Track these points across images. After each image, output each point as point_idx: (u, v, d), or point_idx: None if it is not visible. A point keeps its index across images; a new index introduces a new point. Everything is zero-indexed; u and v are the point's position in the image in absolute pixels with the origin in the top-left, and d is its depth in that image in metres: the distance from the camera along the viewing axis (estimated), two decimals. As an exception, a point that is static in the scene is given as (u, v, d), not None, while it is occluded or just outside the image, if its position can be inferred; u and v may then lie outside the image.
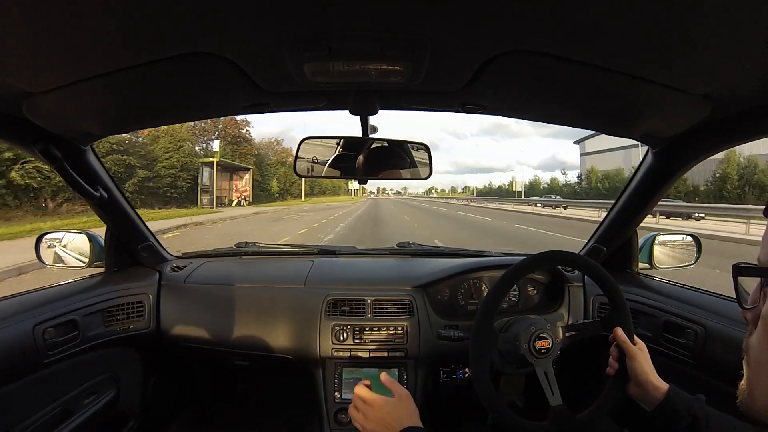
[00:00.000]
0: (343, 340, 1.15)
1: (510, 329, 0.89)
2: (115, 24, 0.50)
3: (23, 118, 0.79)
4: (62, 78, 0.64)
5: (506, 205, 31.05)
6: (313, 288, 1.25)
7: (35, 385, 0.92)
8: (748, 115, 0.74)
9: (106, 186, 1.12)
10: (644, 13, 0.47)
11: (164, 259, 1.43)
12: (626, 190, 1.18)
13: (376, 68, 0.67)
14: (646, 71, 0.62)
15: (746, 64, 0.57)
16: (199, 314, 1.26)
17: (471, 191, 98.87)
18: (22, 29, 0.49)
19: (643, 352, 0.79)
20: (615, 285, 0.87)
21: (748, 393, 0.44)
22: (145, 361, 1.30)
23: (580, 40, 0.54)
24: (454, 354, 1.16)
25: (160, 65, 0.61)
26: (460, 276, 1.28)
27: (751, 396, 0.43)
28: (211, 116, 1.21)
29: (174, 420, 1.54)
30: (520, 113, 0.93)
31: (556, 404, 0.80)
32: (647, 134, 0.93)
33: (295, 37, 0.56)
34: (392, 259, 1.54)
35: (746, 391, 0.44)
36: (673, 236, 1.33)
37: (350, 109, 0.86)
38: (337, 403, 1.13)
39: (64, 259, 1.27)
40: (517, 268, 0.87)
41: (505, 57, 0.61)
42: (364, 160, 0.98)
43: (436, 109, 0.93)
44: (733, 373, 0.46)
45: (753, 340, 0.43)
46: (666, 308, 1.05)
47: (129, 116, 0.91)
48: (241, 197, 29.27)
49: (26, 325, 0.92)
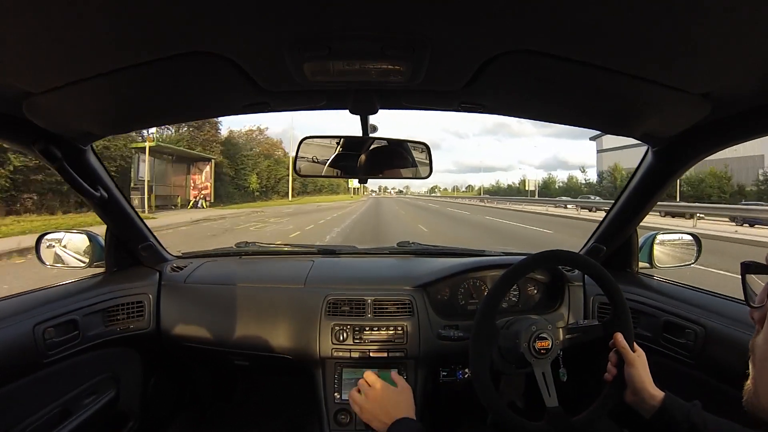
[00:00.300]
0: (343, 340, 1.15)
1: (511, 327, 0.89)
2: (115, 24, 0.50)
3: (23, 118, 0.79)
4: (62, 78, 0.64)
5: (535, 207, 25.96)
6: (313, 288, 1.25)
7: (35, 385, 0.92)
8: (748, 115, 0.74)
9: (106, 186, 1.12)
10: (644, 13, 0.47)
11: (164, 258, 1.43)
12: (626, 189, 1.18)
13: (376, 68, 0.68)
14: (646, 71, 0.62)
15: (746, 64, 0.58)
16: (199, 314, 1.26)
17: (477, 190, 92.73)
18: (22, 29, 0.49)
19: (641, 359, 0.79)
20: (615, 285, 0.87)
21: (753, 392, 0.44)
22: (145, 361, 1.30)
23: (580, 40, 0.54)
24: (454, 354, 1.16)
25: (160, 65, 0.61)
26: (460, 275, 1.28)
27: (757, 395, 0.43)
28: (211, 116, 1.21)
29: (174, 420, 1.54)
30: (520, 112, 0.93)
31: (552, 405, 0.80)
32: (647, 133, 0.93)
33: (295, 36, 0.56)
34: (392, 258, 1.54)
35: (751, 390, 0.44)
36: (673, 235, 1.33)
37: (350, 108, 0.86)
38: (337, 403, 1.13)
39: (65, 259, 1.27)
40: (518, 267, 0.87)
41: (505, 57, 0.61)
42: (364, 159, 0.99)
43: (437, 108, 0.93)
44: (732, 374, 0.46)
45: (759, 340, 0.43)
46: (666, 308, 1.05)
47: (129, 116, 0.91)
48: (199, 196, 22.87)
49: (26, 324, 0.92)
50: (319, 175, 1.01)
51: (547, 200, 29.86)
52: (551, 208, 24.32)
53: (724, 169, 28.66)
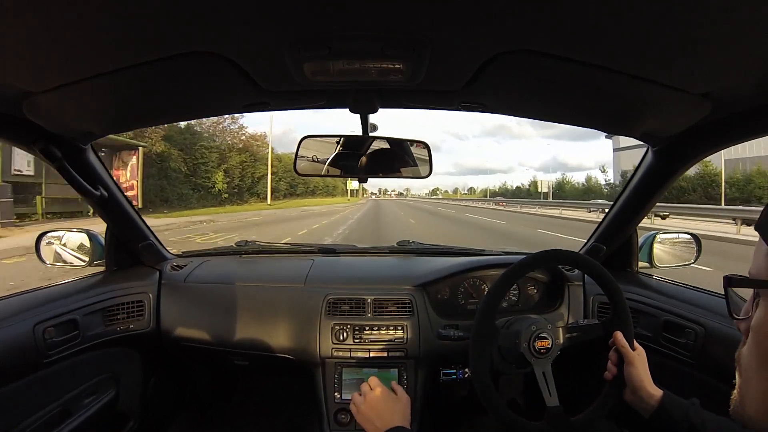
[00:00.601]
0: (343, 340, 1.15)
1: (511, 327, 0.89)
2: (115, 24, 0.50)
3: (23, 118, 0.79)
4: (62, 78, 0.64)
5: (568, 211, 20.23)
6: (313, 287, 1.25)
7: (35, 384, 0.92)
8: (748, 115, 0.75)
9: (106, 185, 1.12)
10: (644, 13, 0.47)
11: (164, 257, 1.43)
12: (626, 189, 1.18)
13: (376, 67, 0.68)
14: (646, 71, 0.62)
15: (746, 64, 0.58)
16: (199, 314, 1.26)
17: (482, 192, 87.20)
18: (22, 29, 0.49)
19: (641, 357, 0.79)
20: (615, 285, 0.87)
21: (739, 401, 0.45)
22: (145, 360, 1.30)
23: (580, 40, 0.54)
24: (454, 354, 1.16)
25: (160, 65, 0.61)
26: (460, 275, 1.28)
27: (742, 404, 0.44)
28: (211, 115, 1.21)
29: (174, 420, 1.54)
30: (520, 112, 0.93)
31: (553, 405, 0.80)
32: (647, 133, 0.93)
33: (295, 36, 0.56)
34: (392, 258, 1.54)
35: (738, 400, 0.45)
36: (673, 235, 1.33)
37: (350, 107, 0.86)
38: (337, 403, 1.13)
39: (65, 258, 1.27)
40: (518, 266, 0.87)
41: (505, 57, 0.61)
42: (364, 158, 0.99)
43: (437, 108, 0.93)
44: (732, 374, 0.46)
45: (744, 351, 0.44)
46: (666, 308, 1.05)
47: (129, 116, 0.91)
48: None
49: (26, 324, 0.92)
50: (318, 174, 1.01)
51: (589, 204, 21.57)
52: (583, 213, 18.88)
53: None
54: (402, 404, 0.80)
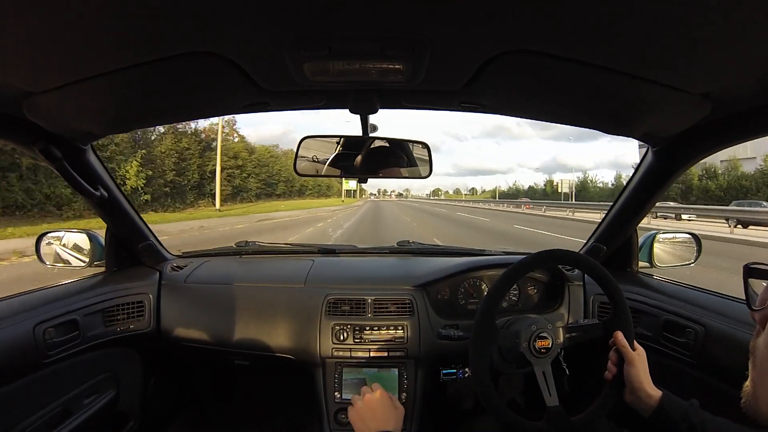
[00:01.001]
0: (343, 340, 1.15)
1: (511, 327, 0.89)
2: (115, 24, 0.50)
3: (23, 118, 0.79)
4: (62, 78, 0.64)
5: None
6: (313, 287, 1.25)
7: (35, 384, 0.92)
8: (748, 115, 0.75)
9: (106, 185, 1.12)
10: (644, 13, 0.47)
11: (164, 258, 1.43)
12: (626, 189, 1.18)
13: (376, 67, 0.68)
14: (646, 71, 0.62)
15: (746, 64, 0.58)
16: (199, 314, 1.26)
17: (491, 192, 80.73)
18: (22, 29, 0.49)
19: (641, 357, 0.79)
20: (615, 284, 0.87)
21: (752, 394, 0.44)
22: (145, 361, 1.30)
23: (580, 40, 0.54)
24: (454, 353, 1.16)
25: (160, 65, 0.61)
26: (460, 275, 1.28)
27: (755, 397, 0.43)
28: (211, 116, 1.21)
29: (174, 420, 1.54)
30: (520, 112, 0.93)
31: (553, 405, 0.80)
32: (647, 133, 0.93)
33: (295, 37, 0.56)
34: (392, 258, 1.54)
35: (750, 392, 0.44)
36: (673, 235, 1.33)
37: (350, 107, 0.86)
38: (337, 403, 1.13)
39: (65, 259, 1.27)
40: (518, 266, 0.87)
41: (505, 57, 0.61)
42: (364, 158, 0.98)
43: (437, 108, 0.93)
44: (733, 373, 0.46)
45: (760, 342, 0.43)
46: (666, 307, 1.05)
47: (129, 116, 0.91)
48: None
49: (27, 324, 0.92)
50: (319, 174, 1.01)
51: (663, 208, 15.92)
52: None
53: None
54: (397, 412, 0.81)
